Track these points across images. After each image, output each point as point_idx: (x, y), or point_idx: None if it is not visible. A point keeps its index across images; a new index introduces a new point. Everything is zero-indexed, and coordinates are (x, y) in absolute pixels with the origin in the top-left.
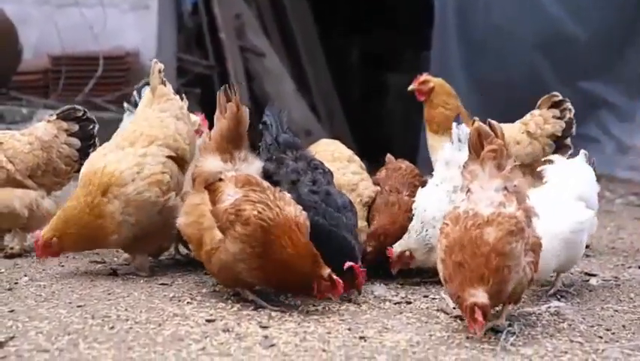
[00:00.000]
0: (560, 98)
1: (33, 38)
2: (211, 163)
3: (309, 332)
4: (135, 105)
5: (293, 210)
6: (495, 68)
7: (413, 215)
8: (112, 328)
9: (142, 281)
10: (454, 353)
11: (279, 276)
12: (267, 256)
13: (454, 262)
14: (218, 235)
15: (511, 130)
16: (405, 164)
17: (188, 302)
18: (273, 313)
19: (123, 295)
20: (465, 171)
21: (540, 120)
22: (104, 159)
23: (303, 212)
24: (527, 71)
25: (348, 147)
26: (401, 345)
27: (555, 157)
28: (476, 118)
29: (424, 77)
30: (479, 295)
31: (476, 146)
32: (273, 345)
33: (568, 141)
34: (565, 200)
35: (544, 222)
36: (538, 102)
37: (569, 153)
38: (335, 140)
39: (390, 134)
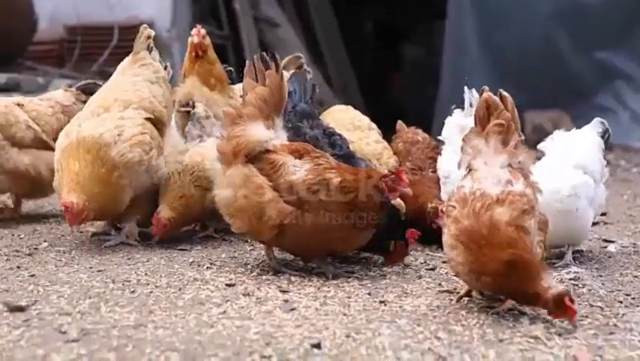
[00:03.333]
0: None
1: (48, 8)
2: (255, 131)
3: (329, 296)
4: None
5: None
6: (510, 38)
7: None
8: (133, 292)
9: (161, 247)
10: (475, 316)
11: (366, 233)
12: (360, 216)
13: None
14: (289, 207)
15: None
16: (421, 135)
17: (207, 267)
18: (293, 278)
19: (143, 260)
20: (466, 144)
21: None
22: (82, 127)
23: None
24: (542, 41)
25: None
26: (421, 309)
27: (557, 132)
28: (485, 87)
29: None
30: (552, 283)
31: (483, 118)
32: (293, 309)
33: None
34: (559, 168)
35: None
36: (283, 63)
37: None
38: (348, 106)
39: (404, 104)
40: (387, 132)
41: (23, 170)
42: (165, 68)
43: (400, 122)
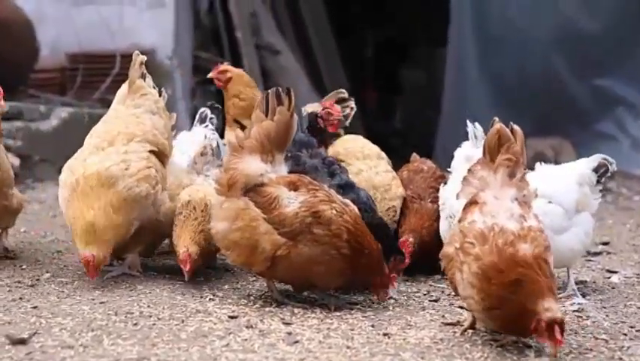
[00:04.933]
0: (346, 95)
1: (50, 36)
2: (250, 165)
3: (332, 328)
4: None
5: (354, 206)
6: (511, 65)
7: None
8: (135, 324)
9: (163, 278)
10: (479, 350)
11: (358, 272)
12: (350, 256)
13: (497, 286)
14: (282, 239)
15: None
16: (427, 165)
17: (210, 299)
18: (296, 310)
19: (145, 292)
20: (472, 176)
21: None
22: (87, 162)
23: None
24: (543, 68)
25: None
26: (425, 342)
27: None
28: (496, 118)
29: (224, 66)
30: (554, 308)
31: (493, 150)
32: (296, 342)
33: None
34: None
35: None
36: (327, 96)
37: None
38: (356, 135)
39: (405, 130)
40: (394, 159)
41: None
42: (160, 95)
43: (414, 154)
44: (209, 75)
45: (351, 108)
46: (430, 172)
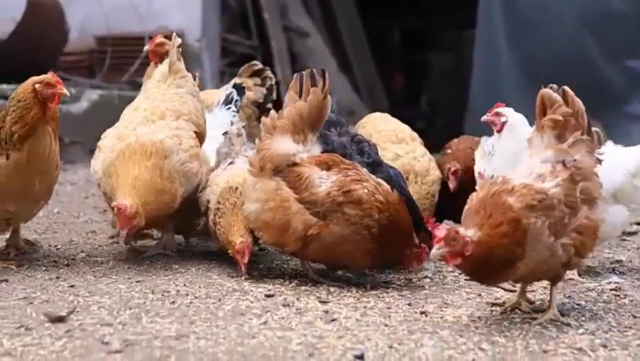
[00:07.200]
0: (261, 66)
1: (79, 19)
2: (282, 145)
3: (369, 306)
4: None
5: (387, 185)
6: (541, 46)
7: None
8: (173, 302)
9: (198, 257)
10: (518, 328)
11: (387, 251)
12: (381, 234)
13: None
14: (313, 219)
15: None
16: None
17: (245, 278)
18: (332, 289)
19: (181, 271)
20: (528, 139)
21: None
22: (138, 132)
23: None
24: (573, 49)
25: None
26: (463, 320)
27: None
28: (542, 85)
29: (160, 38)
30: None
31: (540, 114)
32: (334, 320)
33: (270, 106)
34: None
35: None
36: (240, 71)
37: None
38: (384, 114)
39: (432, 114)
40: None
41: None
42: (194, 79)
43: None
44: (145, 49)
45: (270, 79)
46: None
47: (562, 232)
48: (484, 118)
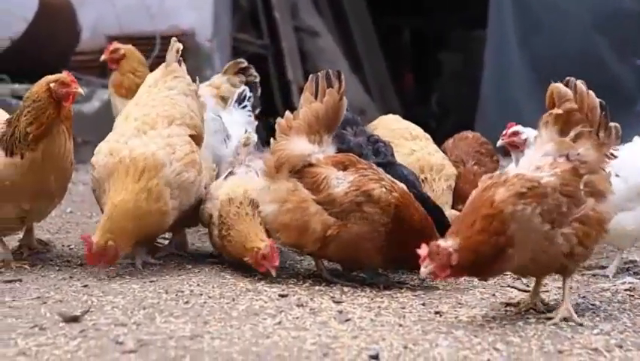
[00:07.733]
0: (246, 64)
1: (91, 18)
2: (298, 146)
3: (383, 307)
4: None
5: (402, 185)
6: (551, 46)
7: None
8: (186, 302)
9: (211, 258)
10: (532, 328)
11: (403, 251)
12: (398, 233)
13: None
14: (332, 219)
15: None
16: (472, 133)
17: (259, 278)
18: (345, 289)
19: (194, 271)
20: (535, 136)
21: (229, 86)
22: (130, 145)
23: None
24: (584, 49)
25: None
26: (477, 320)
27: None
28: (552, 80)
29: (114, 45)
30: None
31: (549, 109)
32: (348, 320)
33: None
34: None
35: None
36: (225, 68)
37: None
38: (395, 115)
39: (442, 113)
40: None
41: None
42: (194, 82)
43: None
44: (102, 58)
45: (255, 76)
46: (474, 138)
47: (560, 221)
48: (500, 143)
